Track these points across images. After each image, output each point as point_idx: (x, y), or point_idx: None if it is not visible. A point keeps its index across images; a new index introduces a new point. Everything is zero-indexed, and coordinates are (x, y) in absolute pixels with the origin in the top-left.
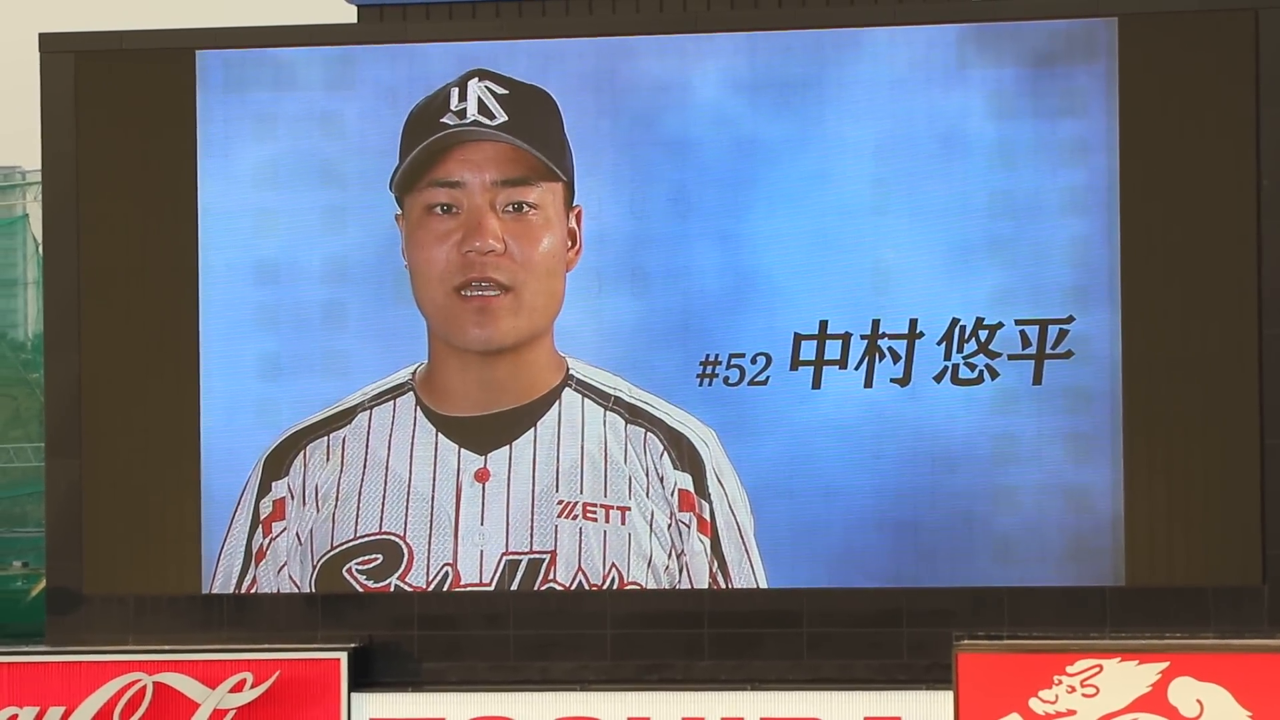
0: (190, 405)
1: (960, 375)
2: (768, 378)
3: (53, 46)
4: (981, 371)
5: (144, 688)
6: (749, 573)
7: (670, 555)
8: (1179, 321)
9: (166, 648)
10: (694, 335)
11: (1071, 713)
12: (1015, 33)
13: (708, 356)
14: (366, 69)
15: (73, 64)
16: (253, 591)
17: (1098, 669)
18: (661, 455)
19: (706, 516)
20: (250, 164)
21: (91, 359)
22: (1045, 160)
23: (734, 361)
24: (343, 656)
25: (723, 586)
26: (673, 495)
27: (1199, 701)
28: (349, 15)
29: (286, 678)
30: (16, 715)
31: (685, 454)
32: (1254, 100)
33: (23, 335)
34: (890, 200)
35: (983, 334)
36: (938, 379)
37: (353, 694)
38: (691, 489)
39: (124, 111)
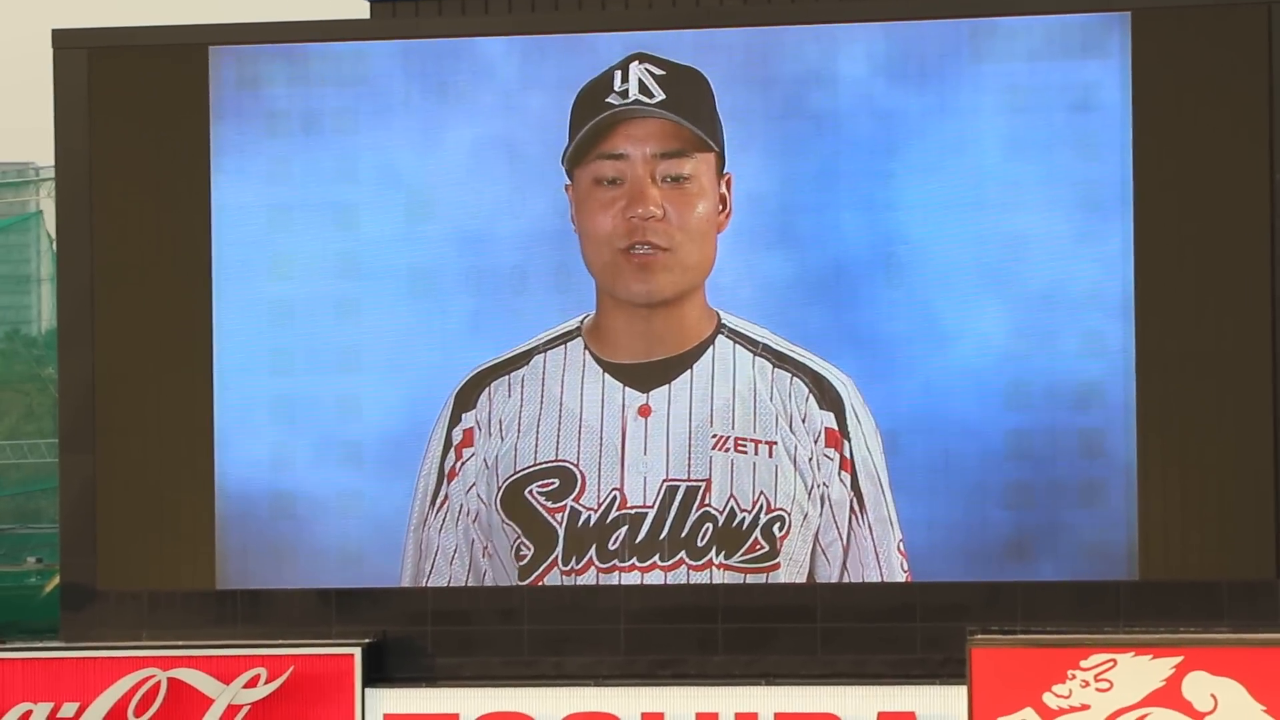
0: (204, 400)
1: None
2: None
3: (66, 43)
4: None
5: (158, 684)
6: (883, 506)
7: (811, 487)
8: (1193, 317)
9: (180, 643)
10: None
11: (1085, 707)
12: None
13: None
14: (380, 64)
15: (86, 60)
16: (444, 507)
17: (1112, 663)
18: (807, 398)
19: (847, 454)
20: (264, 159)
21: (105, 355)
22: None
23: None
24: (356, 652)
25: (859, 520)
26: (818, 433)
27: (1213, 696)
28: (362, 11)
29: (300, 673)
30: (31, 711)
31: (827, 395)
32: (1268, 94)
33: (36, 331)
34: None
35: None
36: None
37: (367, 689)
38: (836, 427)
39: (137, 107)
